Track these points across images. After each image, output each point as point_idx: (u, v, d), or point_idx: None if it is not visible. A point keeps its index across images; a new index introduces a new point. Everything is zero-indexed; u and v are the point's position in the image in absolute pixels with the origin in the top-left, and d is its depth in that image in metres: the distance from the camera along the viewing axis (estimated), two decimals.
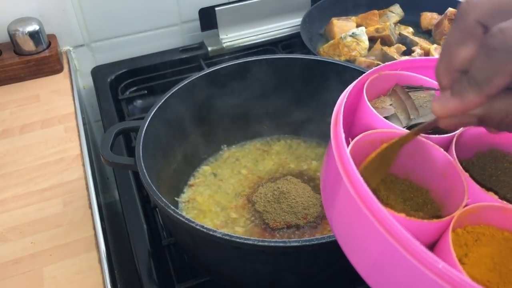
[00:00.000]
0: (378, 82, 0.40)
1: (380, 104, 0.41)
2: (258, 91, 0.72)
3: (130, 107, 0.91)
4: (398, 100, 0.41)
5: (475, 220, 0.32)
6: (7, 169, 0.71)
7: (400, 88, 0.41)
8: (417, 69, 0.41)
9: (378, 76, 0.40)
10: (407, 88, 0.41)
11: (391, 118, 0.39)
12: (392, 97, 0.41)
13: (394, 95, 0.42)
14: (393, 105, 0.41)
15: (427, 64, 0.41)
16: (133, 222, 0.63)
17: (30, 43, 0.87)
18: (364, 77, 0.40)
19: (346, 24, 0.95)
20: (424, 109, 0.40)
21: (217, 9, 0.96)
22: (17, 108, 0.83)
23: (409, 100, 0.40)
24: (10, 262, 0.58)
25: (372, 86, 0.40)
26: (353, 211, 0.31)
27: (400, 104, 0.41)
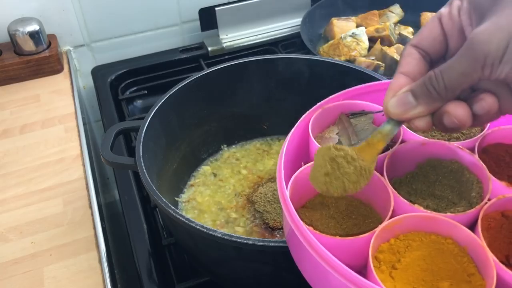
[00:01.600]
0: (326, 114, 0.46)
1: (328, 133, 0.46)
2: (258, 91, 0.72)
3: (130, 107, 0.91)
4: (343, 127, 0.46)
5: (404, 229, 0.37)
6: (7, 169, 0.71)
7: (344, 116, 0.47)
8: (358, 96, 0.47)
9: (323, 110, 0.46)
10: (351, 115, 0.47)
11: None
12: (338, 126, 0.46)
13: (340, 123, 0.46)
14: (339, 133, 0.46)
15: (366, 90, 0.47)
16: (133, 222, 0.63)
17: (30, 43, 0.88)
18: (309, 113, 0.46)
19: (346, 24, 0.95)
20: (364, 132, 0.45)
21: (217, 9, 0.96)
22: (18, 108, 0.83)
23: (350, 127, 0.46)
24: (11, 262, 0.58)
25: (321, 118, 0.46)
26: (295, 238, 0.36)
27: (344, 132, 0.46)
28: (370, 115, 0.46)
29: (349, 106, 0.46)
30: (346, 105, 0.47)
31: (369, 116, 0.46)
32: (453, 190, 0.41)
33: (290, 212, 0.37)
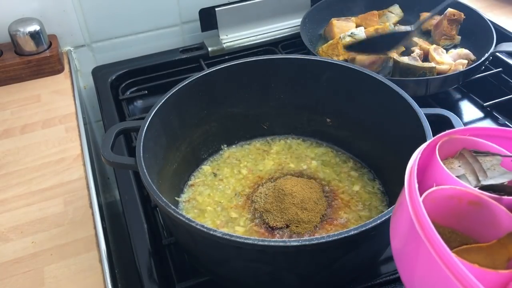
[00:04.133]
0: (447, 145, 0.44)
1: (448, 165, 0.43)
2: (258, 91, 0.72)
3: (131, 107, 0.91)
4: (466, 163, 0.44)
5: None
6: (8, 169, 0.71)
7: (468, 152, 0.44)
8: (485, 137, 0.44)
9: (448, 139, 0.43)
10: (474, 153, 0.44)
11: (460, 178, 0.42)
12: (459, 160, 0.44)
13: (462, 158, 0.44)
14: (462, 166, 0.43)
15: (495, 133, 0.44)
16: (134, 221, 0.64)
17: (31, 44, 0.88)
18: (436, 139, 0.43)
19: (346, 25, 0.95)
20: (492, 172, 0.42)
21: (217, 9, 0.96)
22: (18, 108, 0.83)
23: (477, 163, 0.43)
24: (11, 262, 0.58)
25: (441, 148, 0.43)
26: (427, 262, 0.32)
27: (468, 167, 0.43)
28: (498, 158, 0.43)
29: (474, 143, 0.44)
30: (471, 141, 0.44)
31: (496, 158, 0.43)
32: None
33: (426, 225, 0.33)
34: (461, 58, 0.85)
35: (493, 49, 0.82)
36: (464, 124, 0.80)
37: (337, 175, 0.69)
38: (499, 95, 0.84)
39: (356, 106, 0.69)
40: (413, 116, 0.58)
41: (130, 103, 0.92)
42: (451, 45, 0.94)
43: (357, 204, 0.64)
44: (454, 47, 0.93)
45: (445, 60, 0.84)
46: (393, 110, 0.62)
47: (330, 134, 0.73)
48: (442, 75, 0.81)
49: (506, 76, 0.89)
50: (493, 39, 0.84)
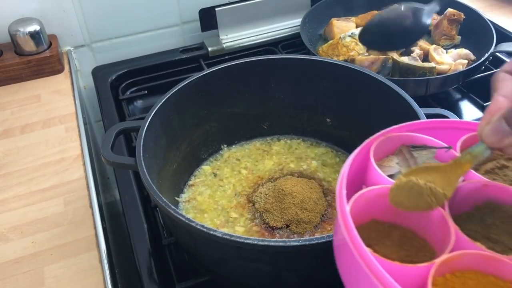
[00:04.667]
0: (386, 143, 0.45)
1: (387, 162, 0.45)
2: (258, 91, 0.72)
3: (131, 107, 0.91)
4: (403, 159, 0.45)
5: (462, 266, 0.36)
6: (8, 169, 0.71)
7: (406, 148, 0.46)
8: (421, 130, 0.46)
9: (385, 138, 0.45)
10: (412, 148, 0.46)
11: (395, 175, 0.43)
12: (398, 156, 0.46)
13: (400, 154, 0.46)
14: (399, 163, 0.45)
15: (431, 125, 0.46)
16: (134, 221, 0.64)
17: (31, 44, 0.88)
18: (372, 139, 0.44)
19: (346, 25, 0.95)
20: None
21: (217, 9, 0.96)
22: (18, 108, 0.83)
23: (412, 159, 0.45)
24: (11, 262, 0.58)
25: (381, 147, 0.45)
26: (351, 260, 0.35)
27: (404, 162, 0.45)
28: (433, 150, 0.45)
29: (411, 138, 0.46)
30: (408, 137, 0.46)
31: (431, 151, 0.45)
32: (511, 236, 0.39)
33: (349, 228, 0.35)
34: (461, 58, 0.86)
35: (493, 49, 0.82)
36: None
37: (337, 175, 0.69)
38: None
39: (356, 106, 0.69)
40: (413, 116, 0.58)
41: (130, 103, 0.92)
42: (451, 45, 0.94)
43: None
44: (454, 47, 0.93)
45: (445, 60, 0.84)
46: (393, 110, 0.62)
47: (330, 134, 0.73)
48: (442, 75, 0.81)
49: None
50: (493, 39, 0.84)
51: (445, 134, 0.45)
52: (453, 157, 0.42)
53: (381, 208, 0.40)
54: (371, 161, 0.43)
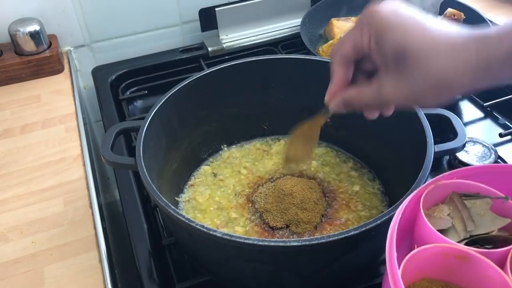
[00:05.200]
0: (436, 191, 0.43)
1: (438, 213, 0.43)
2: (258, 91, 0.72)
3: (131, 107, 0.91)
4: (456, 209, 0.43)
5: None
6: (8, 169, 0.71)
7: (457, 197, 0.44)
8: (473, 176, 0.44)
9: (435, 186, 0.43)
10: (463, 196, 0.44)
11: (448, 230, 0.41)
12: (449, 205, 0.44)
13: (452, 203, 0.44)
14: (451, 214, 0.43)
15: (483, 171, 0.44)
16: (134, 221, 0.64)
17: (30, 44, 0.88)
18: (422, 188, 0.42)
19: (346, 25, 0.95)
20: (481, 219, 0.42)
21: (217, 9, 0.96)
22: (18, 108, 0.83)
23: (465, 210, 0.43)
24: (11, 262, 0.58)
25: (430, 195, 0.43)
26: None
27: (457, 214, 0.43)
28: (487, 200, 0.43)
29: (463, 186, 0.44)
30: (459, 184, 0.44)
31: (486, 201, 0.43)
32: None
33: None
34: None
35: None
36: (464, 124, 0.80)
37: (337, 175, 0.69)
38: (499, 95, 0.83)
39: None
40: (413, 116, 0.58)
41: (130, 103, 0.91)
42: None
43: (357, 204, 0.64)
44: None
45: None
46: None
47: (330, 134, 0.73)
48: None
49: None
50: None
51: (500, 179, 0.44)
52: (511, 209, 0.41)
53: (434, 266, 0.39)
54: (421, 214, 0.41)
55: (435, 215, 0.43)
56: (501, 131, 0.77)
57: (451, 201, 0.44)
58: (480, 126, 0.81)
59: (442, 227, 0.41)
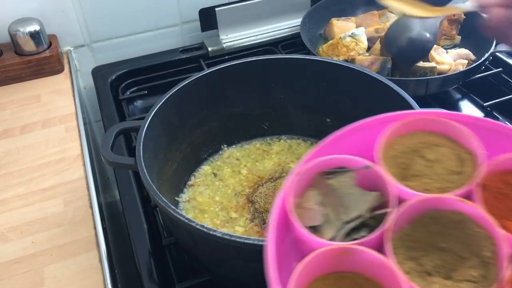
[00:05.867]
0: (304, 177, 0.39)
1: (307, 202, 0.38)
2: (258, 91, 0.72)
3: (131, 107, 0.91)
4: (324, 193, 0.39)
5: None
6: (8, 169, 0.71)
7: (321, 178, 0.40)
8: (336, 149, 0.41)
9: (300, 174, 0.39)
10: (327, 175, 0.40)
11: (322, 226, 0.38)
12: (317, 190, 0.39)
13: (318, 186, 0.40)
14: (323, 200, 0.38)
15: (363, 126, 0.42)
16: (134, 221, 0.64)
17: (30, 43, 0.88)
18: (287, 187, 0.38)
19: (346, 25, 0.95)
20: (350, 198, 0.39)
21: (217, 9, 0.96)
22: (18, 108, 0.83)
23: (333, 193, 0.39)
24: (11, 262, 0.58)
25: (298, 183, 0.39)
26: None
27: (328, 199, 0.39)
28: (351, 174, 0.40)
29: (326, 162, 0.40)
30: (323, 162, 0.40)
31: (350, 175, 0.39)
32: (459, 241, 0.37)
33: None
34: (461, 58, 0.85)
35: (493, 49, 0.82)
36: None
37: None
38: (499, 95, 0.84)
39: (356, 106, 0.69)
40: None
41: (130, 103, 0.91)
42: (451, 45, 0.94)
43: None
44: (454, 47, 0.93)
45: (445, 60, 0.84)
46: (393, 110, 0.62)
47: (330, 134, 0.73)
48: (442, 75, 0.81)
49: (506, 76, 0.88)
50: (493, 39, 0.84)
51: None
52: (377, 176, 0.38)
53: (321, 266, 0.36)
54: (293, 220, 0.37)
55: (305, 206, 0.38)
56: None
57: (317, 183, 0.40)
58: None
59: (314, 222, 0.37)
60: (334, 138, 0.43)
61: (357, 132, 0.44)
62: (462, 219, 0.38)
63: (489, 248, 0.36)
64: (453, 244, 0.37)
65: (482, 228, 0.37)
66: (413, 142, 0.44)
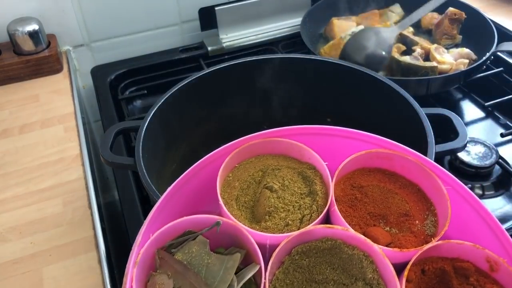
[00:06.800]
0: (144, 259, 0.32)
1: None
2: (258, 91, 0.72)
3: (130, 107, 0.91)
4: (176, 273, 0.31)
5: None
6: (6, 169, 0.71)
7: (167, 255, 0.32)
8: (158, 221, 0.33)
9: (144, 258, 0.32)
10: (170, 249, 0.32)
11: None
12: (166, 271, 0.31)
13: (166, 266, 0.31)
14: (177, 285, 0.31)
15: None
16: (133, 222, 0.63)
17: (29, 43, 0.87)
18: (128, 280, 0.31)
19: (346, 24, 0.95)
20: (209, 272, 0.32)
21: (217, 8, 0.95)
22: (17, 108, 0.83)
23: (188, 272, 0.31)
24: (10, 262, 0.58)
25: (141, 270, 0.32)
26: None
27: (183, 280, 0.30)
28: (202, 239, 0.33)
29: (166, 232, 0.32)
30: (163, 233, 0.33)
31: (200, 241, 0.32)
32: (336, 269, 0.35)
33: None
34: (462, 58, 0.85)
35: (494, 49, 0.82)
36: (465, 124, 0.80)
37: None
38: (500, 95, 0.83)
39: (356, 106, 0.68)
40: (414, 116, 0.58)
41: (129, 102, 0.91)
42: (452, 45, 0.93)
43: None
44: (455, 46, 0.92)
45: (446, 59, 0.84)
46: (394, 109, 0.62)
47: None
48: (443, 74, 0.80)
49: (507, 76, 0.88)
50: (494, 38, 0.84)
51: None
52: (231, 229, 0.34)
53: None
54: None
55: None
56: (502, 131, 0.77)
57: (163, 263, 0.32)
58: (481, 126, 0.81)
59: None
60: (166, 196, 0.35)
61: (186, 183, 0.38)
62: (333, 244, 0.36)
63: (371, 267, 0.35)
64: (330, 272, 0.35)
65: (356, 248, 0.36)
66: (250, 173, 0.41)
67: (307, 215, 0.38)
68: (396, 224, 0.39)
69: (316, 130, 0.43)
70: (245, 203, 0.39)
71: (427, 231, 0.39)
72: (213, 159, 0.40)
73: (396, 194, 0.41)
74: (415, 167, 0.41)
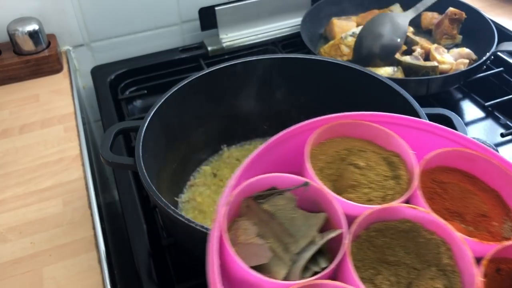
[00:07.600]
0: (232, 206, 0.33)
1: (243, 235, 0.31)
2: (258, 91, 0.72)
3: (130, 107, 0.91)
4: (261, 221, 0.32)
5: None
6: (6, 169, 0.71)
7: (253, 203, 0.33)
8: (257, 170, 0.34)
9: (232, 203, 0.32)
10: (257, 199, 0.33)
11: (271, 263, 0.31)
12: (250, 218, 0.32)
13: (251, 213, 0.32)
14: (260, 231, 0.32)
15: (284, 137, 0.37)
16: (133, 222, 0.63)
17: (29, 43, 0.87)
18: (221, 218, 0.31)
19: (347, 24, 0.95)
20: (293, 224, 0.33)
21: (217, 8, 0.95)
22: (17, 108, 0.83)
23: (272, 220, 0.32)
24: (10, 262, 0.58)
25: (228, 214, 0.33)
26: None
27: (267, 228, 0.32)
28: (289, 195, 0.34)
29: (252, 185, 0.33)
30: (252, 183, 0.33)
31: (287, 197, 0.34)
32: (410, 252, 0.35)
33: None
34: (463, 58, 0.85)
35: (494, 49, 0.82)
36: (466, 124, 0.80)
37: None
38: (500, 95, 0.83)
39: (356, 106, 0.68)
40: (414, 116, 0.58)
41: (129, 102, 0.91)
42: (452, 45, 0.93)
43: None
44: (455, 46, 0.92)
45: (447, 59, 0.84)
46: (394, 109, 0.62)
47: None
48: (443, 74, 0.80)
49: (507, 76, 0.88)
50: (494, 38, 0.84)
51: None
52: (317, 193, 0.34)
53: None
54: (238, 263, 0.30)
55: (242, 240, 0.31)
56: (503, 131, 0.77)
57: (249, 210, 0.33)
58: (481, 126, 0.81)
59: (262, 260, 0.30)
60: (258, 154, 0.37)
61: (277, 146, 0.39)
62: (412, 227, 0.35)
63: (447, 254, 0.34)
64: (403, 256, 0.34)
65: (435, 234, 0.35)
66: (336, 150, 0.41)
67: (390, 195, 0.37)
68: (473, 223, 0.38)
69: (403, 120, 0.43)
70: (328, 176, 0.39)
71: (504, 234, 0.38)
72: (302, 130, 0.40)
73: (475, 195, 0.40)
74: (497, 171, 0.40)
